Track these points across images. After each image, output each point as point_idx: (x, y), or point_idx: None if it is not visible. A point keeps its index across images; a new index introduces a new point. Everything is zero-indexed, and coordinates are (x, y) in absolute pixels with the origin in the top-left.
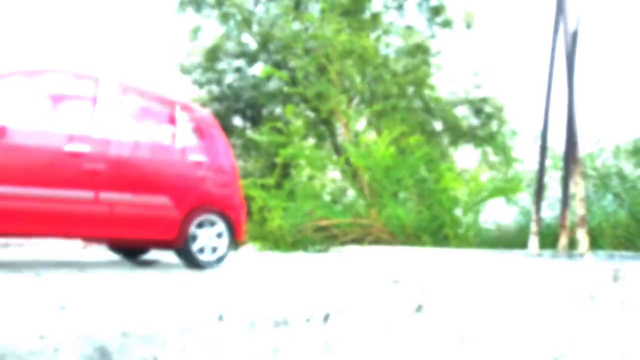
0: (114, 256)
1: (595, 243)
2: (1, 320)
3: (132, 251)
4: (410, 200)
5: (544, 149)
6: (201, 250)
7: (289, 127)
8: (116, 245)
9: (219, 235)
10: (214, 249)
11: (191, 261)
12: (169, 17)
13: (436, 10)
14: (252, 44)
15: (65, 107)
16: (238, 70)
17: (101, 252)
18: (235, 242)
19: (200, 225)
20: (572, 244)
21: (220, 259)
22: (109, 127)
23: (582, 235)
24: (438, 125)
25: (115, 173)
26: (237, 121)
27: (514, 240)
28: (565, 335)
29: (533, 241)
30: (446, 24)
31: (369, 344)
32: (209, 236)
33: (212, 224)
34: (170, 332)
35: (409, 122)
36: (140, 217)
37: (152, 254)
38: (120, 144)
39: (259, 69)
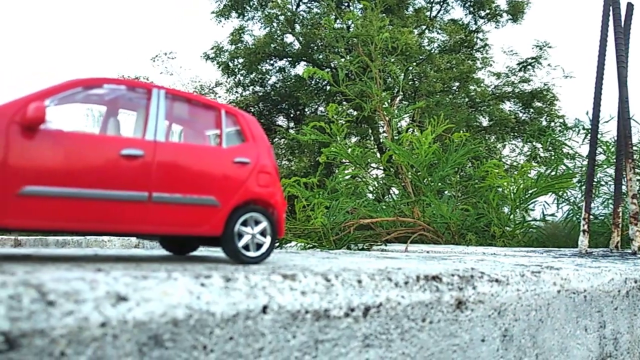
0: (165, 252)
1: None
2: (67, 309)
3: (182, 247)
4: (455, 198)
5: (594, 143)
6: (246, 247)
7: (332, 126)
8: (167, 242)
9: (263, 233)
10: (258, 246)
11: (236, 257)
12: (212, 20)
13: (481, 3)
14: (295, 44)
15: (120, 114)
16: (281, 70)
17: (154, 249)
18: (277, 239)
19: (244, 223)
20: (625, 242)
21: (263, 255)
22: (160, 131)
23: (635, 233)
24: (484, 121)
25: (166, 174)
26: (281, 121)
27: (564, 238)
28: (620, 334)
29: (583, 239)
30: (492, 16)
31: (406, 338)
32: (253, 233)
33: (256, 222)
34: (218, 323)
35: (454, 119)
36: (189, 216)
37: (200, 251)
38: (171, 148)
39: (301, 69)
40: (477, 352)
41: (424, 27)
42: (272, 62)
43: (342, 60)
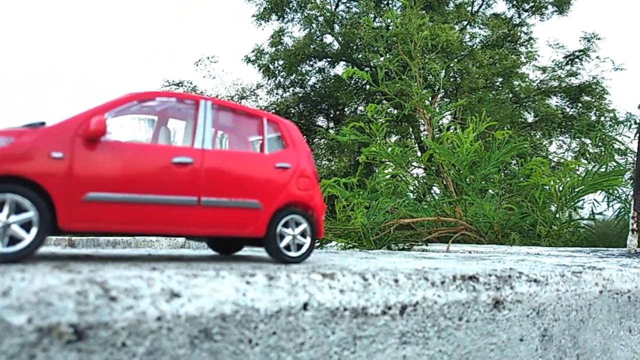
0: (213, 252)
1: None
2: (127, 304)
3: (227, 248)
4: (498, 196)
5: None
6: (287, 247)
7: (372, 125)
8: (214, 243)
9: (303, 234)
10: (299, 246)
11: (279, 257)
12: (253, 23)
13: None
14: (334, 45)
15: (171, 125)
16: (321, 71)
17: (200, 249)
18: (317, 240)
19: (286, 225)
20: None
21: (304, 255)
22: (207, 140)
23: None
24: (529, 117)
25: (214, 180)
26: (321, 121)
27: (616, 237)
28: None
29: (632, 238)
30: (536, 9)
31: (442, 336)
32: (294, 234)
33: (297, 223)
34: (262, 318)
35: (497, 115)
36: (234, 218)
37: (244, 251)
38: (218, 155)
39: (341, 69)
40: (515, 351)
41: (465, 22)
42: (311, 63)
43: (382, 59)
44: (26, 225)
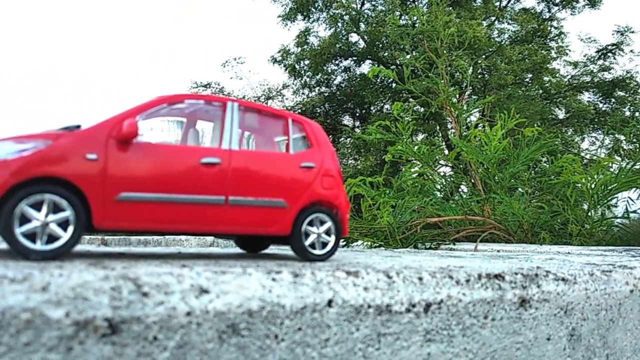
0: (240, 250)
1: None
2: (159, 300)
3: (254, 246)
4: (527, 195)
5: None
6: (312, 245)
7: (398, 124)
8: (241, 241)
9: (328, 232)
10: (324, 244)
11: (304, 255)
12: (278, 24)
13: None
14: (360, 43)
15: (199, 126)
16: (346, 70)
17: (228, 247)
18: (341, 238)
19: (311, 223)
20: None
21: (328, 253)
22: (234, 141)
23: None
24: (560, 114)
25: (241, 180)
26: (347, 120)
27: None
28: None
29: None
30: (567, 3)
31: (467, 334)
32: (318, 233)
33: (322, 222)
34: (287, 314)
35: (527, 112)
36: (260, 217)
37: (270, 249)
38: (244, 155)
39: (367, 68)
40: (542, 350)
41: (493, 18)
42: (337, 62)
43: (408, 57)
44: (63, 224)
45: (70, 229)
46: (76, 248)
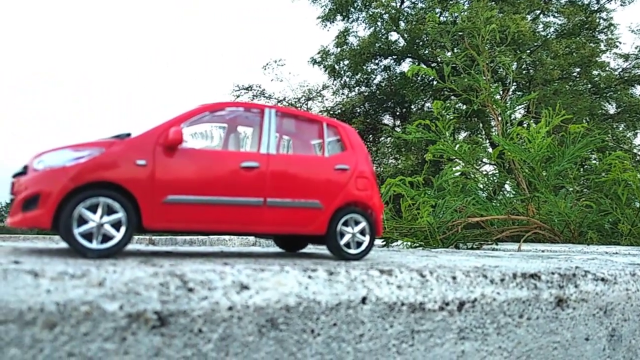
0: (279, 249)
1: None
2: (203, 295)
3: (292, 245)
4: (574, 193)
5: None
6: (347, 245)
7: (438, 122)
8: (280, 240)
9: (362, 232)
10: (359, 244)
11: (339, 254)
12: (318, 25)
13: None
14: (400, 42)
15: (239, 132)
16: (386, 69)
17: (269, 247)
18: (376, 238)
19: (345, 224)
20: None
21: (363, 252)
22: (272, 145)
23: None
24: (611, 108)
25: (278, 182)
26: (387, 119)
27: None
28: None
29: None
30: None
31: (502, 333)
32: (353, 232)
33: (356, 222)
34: (323, 310)
35: (575, 107)
36: (297, 217)
37: (308, 249)
38: (281, 159)
39: (407, 66)
40: (580, 350)
41: (538, 11)
42: (377, 61)
43: (448, 55)
44: (116, 225)
45: (123, 229)
46: (127, 247)
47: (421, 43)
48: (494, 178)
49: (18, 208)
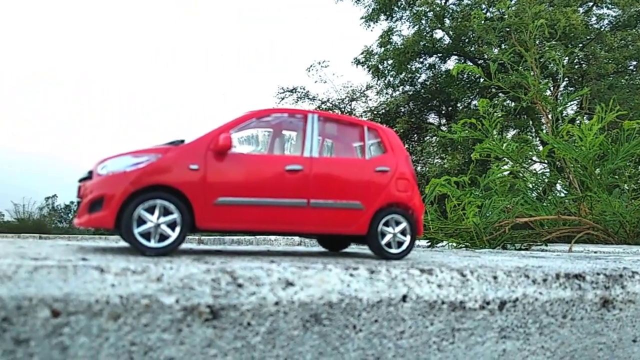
0: (322, 249)
1: None
2: (251, 290)
3: (335, 245)
4: (631, 192)
5: None
6: (388, 244)
7: (485, 120)
8: (323, 240)
9: (403, 232)
10: (399, 244)
11: (380, 253)
12: (361, 25)
13: None
14: (445, 39)
15: (284, 136)
16: (431, 67)
17: (313, 247)
18: (417, 238)
19: (387, 224)
20: None
21: (404, 252)
22: (315, 149)
23: None
24: None
25: (321, 184)
26: (432, 118)
27: None
28: None
29: None
30: None
31: (545, 333)
32: (394, 233)
33: (397, 222)
34: (364, 307)
35: (631, 103)
36: (339, 218)
37: (350, 248)
38: (324, 161)
39: (452, 64)
40: (627, 352)
41: (591, 4)
42: (421, 59)
43: (495, 51)
44: (171, 225)
45: (178, 229)
46: (181, 246)
47: (467, 40)
48: (544, 177)
49: (84, 210)
